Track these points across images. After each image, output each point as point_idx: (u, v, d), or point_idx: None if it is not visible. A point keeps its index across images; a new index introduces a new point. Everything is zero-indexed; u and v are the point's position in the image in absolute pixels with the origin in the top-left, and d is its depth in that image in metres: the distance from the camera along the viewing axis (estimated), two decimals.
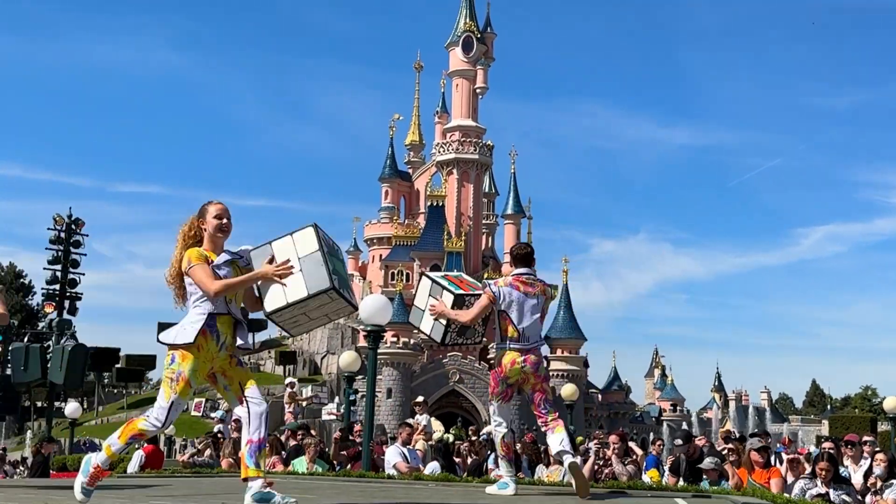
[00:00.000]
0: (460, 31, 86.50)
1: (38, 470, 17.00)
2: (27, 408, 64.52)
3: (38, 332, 33.91)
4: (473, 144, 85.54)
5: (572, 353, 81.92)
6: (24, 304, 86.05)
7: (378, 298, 13.56)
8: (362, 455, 12.64)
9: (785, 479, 10.66)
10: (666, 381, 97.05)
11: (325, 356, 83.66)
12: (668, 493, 8.33)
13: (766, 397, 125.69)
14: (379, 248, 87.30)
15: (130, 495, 7.27)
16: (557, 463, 11.22)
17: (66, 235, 26.97)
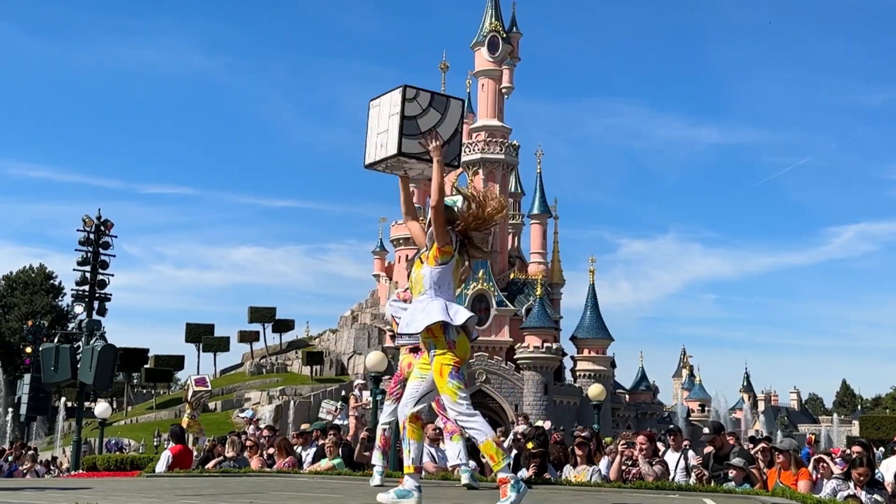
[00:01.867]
0: (486, 31, 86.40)
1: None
2: (57, 408, 65.17)
3: (68, 332, 34.19)
4: (499, 144, 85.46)
5: (599, 353, 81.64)
6: (53, 305, 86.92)
7: None
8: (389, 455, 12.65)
9: (813, 480, 10.57)
10: (694, 381, 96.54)
11: (351, 356, 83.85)
12: (696, 493, 8.28)
13: (796, 398, 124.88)
14: (405, 249, 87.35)
15: (160, 494, 7.32)
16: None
17: (95, 237, 27.18)
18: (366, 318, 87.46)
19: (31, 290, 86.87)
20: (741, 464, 10.48)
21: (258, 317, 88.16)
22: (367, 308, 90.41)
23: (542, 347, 76.45)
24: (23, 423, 49.25)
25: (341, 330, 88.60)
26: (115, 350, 22.49)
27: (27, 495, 6.66)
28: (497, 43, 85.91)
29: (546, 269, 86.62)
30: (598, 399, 26.17)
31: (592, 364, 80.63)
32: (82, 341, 23.48)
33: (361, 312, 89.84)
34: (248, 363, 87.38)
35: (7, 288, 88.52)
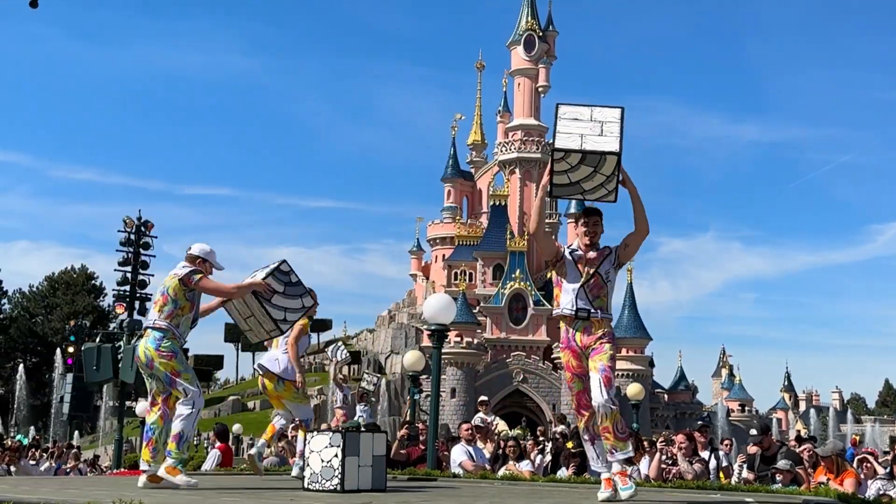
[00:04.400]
0: (522, 29, 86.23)
1: None
2: (99, 407, 65.91)
3: (109, 332, 34.52)
4: (536, 143, 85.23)
5: (637, 352, 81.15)
6: (95, 305, 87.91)
7: (442, 298, 13.55)
8: (427, 454, 12.66)
9: (858, 480, 10.42)
10: (734, 381, 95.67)
11: (388, 356, 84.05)
12: (737, 493, 8.19)
13: (838, 397, 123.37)
14: (442, 248, 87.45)
15: (202, 492, 7.37)
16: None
17: (136, 237, 27.47)
18: (403, 318, 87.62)
19: (73, 291, 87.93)
20: (788, 466, 10.35)
21: None
22: (404, 308, 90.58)
23: None
24: (65, 421, 49.79)
25: (379, 329, 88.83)
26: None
27: (70, 493, 6.72)
28: (533, 42, 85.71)
29: None
30: (636, 399, 26.01)
31: (630, 363, 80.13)
32: (123, 341, 23.69)
33: (399, 312, 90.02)
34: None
35: (49, 288, 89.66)
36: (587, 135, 6.67)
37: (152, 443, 7.87)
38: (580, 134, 6.68)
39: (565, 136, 6.69)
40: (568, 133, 6.71)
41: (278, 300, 8.14)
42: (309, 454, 7.57)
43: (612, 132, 6.66)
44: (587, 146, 6.62)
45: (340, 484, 7.36)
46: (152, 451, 7.84)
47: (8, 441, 19.77)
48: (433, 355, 13.29)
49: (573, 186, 6.74)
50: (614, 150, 6.61)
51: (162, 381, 7.85)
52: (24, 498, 5.74)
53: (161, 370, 7.80)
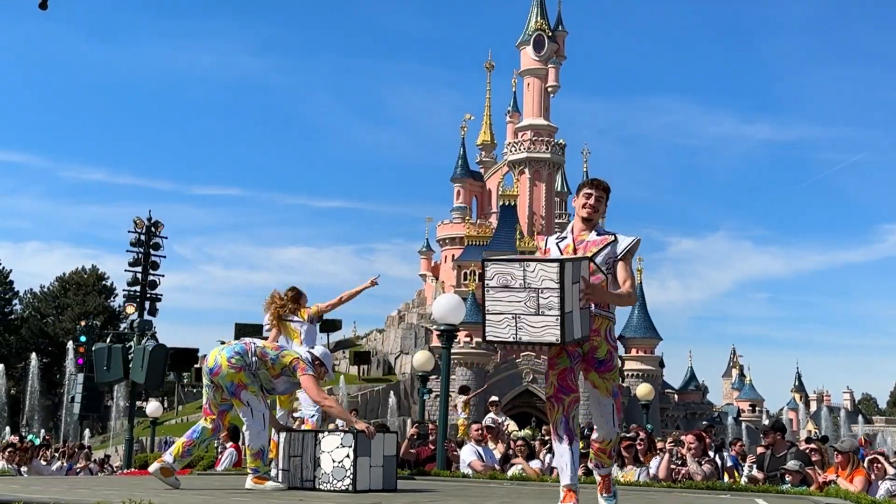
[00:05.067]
0: (531, 29, 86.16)
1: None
2: (110, 407, 66.14)
3: (119, 333, 34.67)
4: (545, 143, 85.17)
5: (647, 352, 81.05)
6: (106, 305, 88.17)
7: (451, 298, 13.56)
8: (436, 454, 12.67)
9: (869, 480, 10.40)
10: (744, 381, 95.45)
11: (398, 356, 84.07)
12: (747, 493, 8.18)
13: (849, 397, 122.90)
14: (451, 248, 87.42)
15: (211, 492, 7.40)
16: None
17: (146, 238, 27.53)
18: (412, 318, 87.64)
19: (84, 291, 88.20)
20: (797, 467, 10.33)
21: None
22: (413, 308, 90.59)
23: None
24: (76, 421, 50.05)
25: (388, 330, 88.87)
26: (166, 350, 22.76)
27: (81, 493, 6.75)
28: (542, 42, 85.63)
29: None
30: (646, 399, 25.98)
31: (640, 364, 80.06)
32: (134, 341, 23.80)
33: (408, 312, 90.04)
34: None
35: (60, 289, 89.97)
36: (522, 316, 5.73)
37: (190, 444, 7.96)
38: (514, 315, 5.73)
39: (495, 322, 5.79)
40: (498, 316, 5.79)
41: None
42: (319, 454, 7.59)
43: (552, 308, 5.65)
44: (523, 336, 5.73)
45: (352, 484, 7.39)
46: (185, 451, 7.97)
47: (14, 439, 19.85)
48: (442, 355, 13.31)
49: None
50: (553, 340, 5.66)
51: (225, 390, 7.91)
52: (35, 498, 5.78)
53: (227, 380, 7.85)
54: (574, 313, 5.72)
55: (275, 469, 8.12)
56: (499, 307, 5.78)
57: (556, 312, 5.62)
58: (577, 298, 5.74)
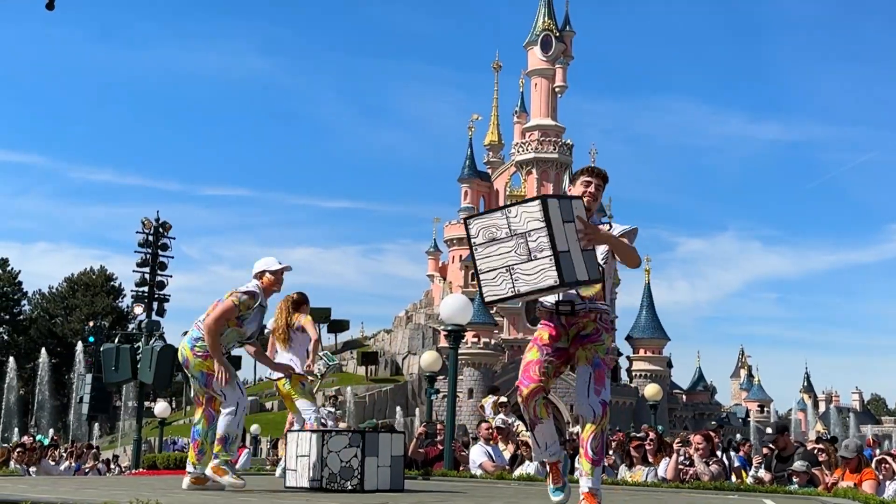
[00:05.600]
0: (539, 30, 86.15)
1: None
2: (118, 407, 66.29)
3: (128, 333, 34.75)
4: (553, 144, 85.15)
5: (655, 352, 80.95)
6: (114, 306, 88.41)
7: (458, 298, 13.56)
8: (444, 454, 12.67)
9: (877, 481, 10.36)
10: (752, 381, 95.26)
11: (406, 357, 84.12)
12: (755, 494, 8.17)
13: (858, 398, 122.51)
14: (459, 249, 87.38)
15: (220, 493, 7.41)
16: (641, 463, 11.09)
17: (154, 238, 27.58)
18: (420, 319, 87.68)
19: (92, 292, 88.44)
20: (804, 468, 10.30)
21: (313, 317, 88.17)
22: (421, 308, 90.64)
23: None
24: (84, 421, 50.18)
25: (396, 330, 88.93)
26: (174, 350, 22.74)
27: (89, 493, 6.77)
28: (550, 42, 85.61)
29: None
30: (654, 399, 25.90)
31: (648, 364, 79.98)
32: (142, 342, 23.86)
33: (416, 312, 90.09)
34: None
35: (69, 290, 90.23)
36: (515, 266, 5.32)
37: (197, 444, 7.78)
38: (506, 267, 5.35)
39: (490, 281, 5.43)
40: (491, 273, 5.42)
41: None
42: (327, 454, 7.59)
43: (543, 249, 5.24)
44: (521, 288, 5.32)
45: (360, 484, 7.39)
46: (198, 452, 7.75)
47: (28, 440, 19.90)
48: (450, 356, 13.30)
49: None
50: (552, 282, 5.23)
51: (197, 381, 7.74)
52: (43, 497, 5.79)
53: (196, 370, 7.68)
54: (572, 253, 5.29)
55: (280, 469, 8.10)
56: (490, 263, 5.43)
57: (548, 253, 5.22)
58: (575, 238, 5.33)
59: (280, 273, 7.92)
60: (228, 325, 7.67)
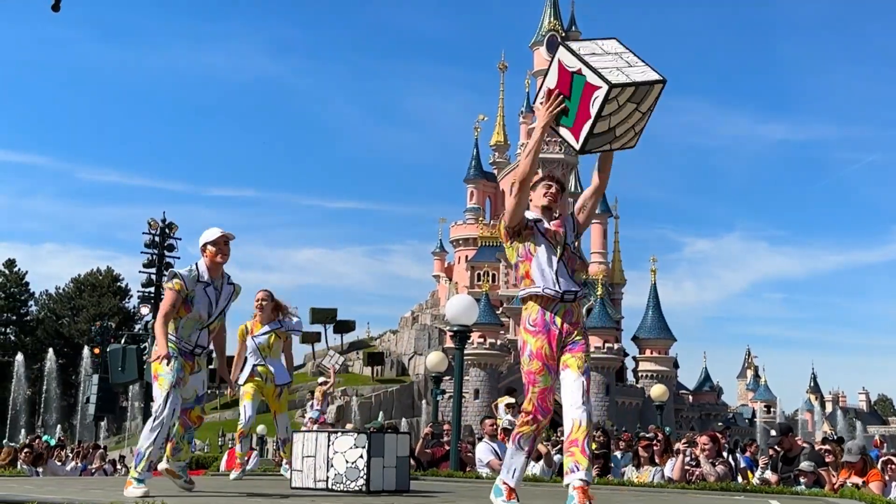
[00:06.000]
0: (544, 30, 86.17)
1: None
2: (125, 407, 66.40)
3: (134, 334, 34.81)
4: (559, 144, 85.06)
5: (661, 353, 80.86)
6: (121, 307, 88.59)
7: (464, 299, 13.56)
8: (450, 455, 12.67)
9: (884, 481, 10.33)
10: (759, 382, 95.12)
11: (412, 357, 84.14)
12: (761, 495, 8.15)
13: (865, 399, 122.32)
14: (465, 249, 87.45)
15: (225, 493, 7.42)
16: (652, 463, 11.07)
17: (161, 239, 27.63)
18: (426, 319, 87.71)
19: (99, 293, 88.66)
20: (811, 468, 10.27)
21: (320, 318, 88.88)
22: (427, 309, 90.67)
23: (603, 348, 75.95)
24: (91, 422, 50.27)
25: (402, 331, 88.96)
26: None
27: (95, 493, 6.78)
28: (556, 42, 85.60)
29: (607, 268, 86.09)
30: (660, 400, 25.89)
31: (654, 364, 79.90)
32: (148, 342, 23.89)
33: (422, 313, 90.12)
34: (310, 364, 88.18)
35: (75, 290, 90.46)
36: (622, 67, 5.63)
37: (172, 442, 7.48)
38: (616, 67, 5.62)
39: (607, 70, 5.58)
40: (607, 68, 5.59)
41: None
42: (333, 455, 7.59)
43: (635, 61, 5.71)
44: (636, 77, 5.58)
45: (366, 485, 7.40)
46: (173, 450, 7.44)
47: (41, 445, 19.94)
48: (456, 356, 13.31)
49: (608, 134, 5.77)
50: (659, 77, 5.64)
51: None
52: (49, 498, 5.80)
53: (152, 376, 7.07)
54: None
55: (287, 470, 8.09)
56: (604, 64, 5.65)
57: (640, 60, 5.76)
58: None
59: (221, 241, 7.30)
60: (180, 313, 7.09)
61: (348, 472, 7.48)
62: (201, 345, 7.26)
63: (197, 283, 7.13)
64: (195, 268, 7.21)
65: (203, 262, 7.26)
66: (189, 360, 7.17)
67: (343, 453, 7.54)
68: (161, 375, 6.91)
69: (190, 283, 7.08)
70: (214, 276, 7.25)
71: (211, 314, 7.20)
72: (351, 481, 7.45)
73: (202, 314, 7.15)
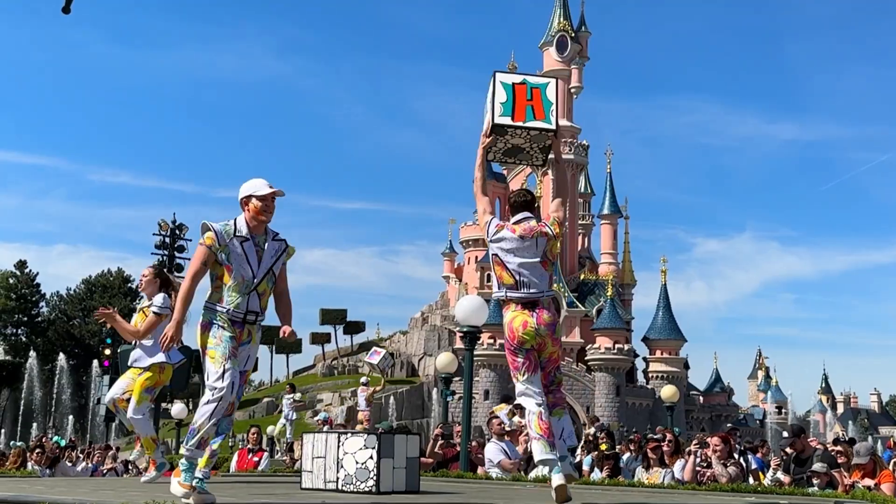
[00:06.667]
0: (554, 30, 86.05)
1: None
2: None
3: None
4: (568, 144, 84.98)
5: (672, 354, 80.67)
6: (131, 308, 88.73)
7: (474, 300, 13.55)
8: (460, 456, 12.65)
9: None
10: (770, 382, 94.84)
11: (422, 358, 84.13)
12: (772, 496, 8.11)
13: (876, 399, 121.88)
14: (475, 250, 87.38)
15: (235, 493, 7.42)
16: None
17: (171, 240, 27.73)
18: (436, 320, 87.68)
19: (110, 294, 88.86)
20: (824, 469, 10.22)
21: (330, 319, 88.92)
22: (437, 310, 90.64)
23: (613, 348, 75.82)
24: (102, 422, 50.37)
25: (412, 331, 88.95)
26: (190, 352, 22.82)
27: (106, 494, 6.79)
28: (566, 42, 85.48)
29: (617, 269, 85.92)
30: (671, 401, 25.79)
31: (665, 365, 79.72)
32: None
33: (431, 314, 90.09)
34: (320, 365, 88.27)
35: (86, 291, 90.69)
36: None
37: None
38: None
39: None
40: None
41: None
42: (343, 456, 7.58)
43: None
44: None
45: (376, 486, 7.39)
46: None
47: (54, 447, 20.02)
48: (465, 357, 13.29)
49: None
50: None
51: None
52: (60, 499, 5.81)
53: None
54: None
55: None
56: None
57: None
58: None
59: (269, 197, 6.46)
60: (219, 279, 6.34)
61: (358, 473, 7.47)
62: (253, 310, 6.36)
63: (233, 237, 6.30)
64: (232, 223, 6.37)
65: (243, 217, 6.42)
66: (239, 328, 6.34)
67: (353, 454, 7.53)
68: (211, 348, 6.24)
69: (223, 238, 6.26)
70: (257, 233, 6.41)
71: (255, 274, 6.32)
72: (361, 482, 7.45)
73: (243, 275, 6.30)
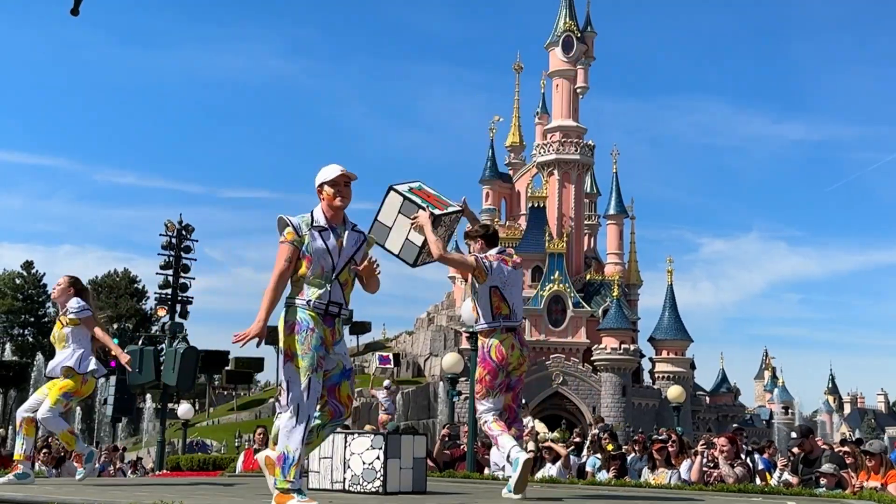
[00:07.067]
0: (560, 30, 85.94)
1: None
2: (142, 409, 66.65)
3: (151, 335, 34.97)
4: (574, 145, 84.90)
5: (678, 354, 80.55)
6: (137, 308, 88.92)
7: None
8: (467, 456, 12.66)
9: None
10: (777, 383, 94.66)
11: (428, 358, 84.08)
12: (780, 497, 8.10)
13: (883, 399, 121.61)
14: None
15: (241, 493, 7.43)
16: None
17: (177, 241, 27.72)
18: (442, 320, 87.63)
19: (116, 294, 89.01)
20: (832, 469, 10.20)
21: None
22: (443, 310, 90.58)
23: (619, 349, 75.74)
24: (109, 423, 50.50)
25: (417, 332, 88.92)
26: (197, 352, 22.91)
27: (113, 494, 6.81)
28: (571, 43, 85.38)
29: (623, 269, 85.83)
30: (677, 401, 25.78)
31: (671, 365, 79.60)
32: (165, 344, 23.98)
33: (437, 314, 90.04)
34: None
35: (92, 292, 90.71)
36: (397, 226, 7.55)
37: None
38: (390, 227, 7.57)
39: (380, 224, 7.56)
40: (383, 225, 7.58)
41: None
42: (350, 456, 7.59)
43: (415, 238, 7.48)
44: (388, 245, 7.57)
45: (383, 486, 7.39)
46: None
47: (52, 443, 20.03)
48: (471, 357, 13.30)
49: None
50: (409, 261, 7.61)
51: None
52: (68, 499, 5.82)
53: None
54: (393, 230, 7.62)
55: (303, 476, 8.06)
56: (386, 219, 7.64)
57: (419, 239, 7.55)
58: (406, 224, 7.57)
59: (341, 181, 6.24)
60: (300, 273, 6.00)
61: (365, 474, 7.48)
62: (336, 301, 6.02)
63: (311, 228, 6.09)
64: (309, 214, 6.19)
65: (319, 208, 6.24)
66: (329, 326, 5.99)
67: (360, 454, 7.54)
68: (297, 356, 5.84)
69: (302, 230, 6.06)
70: (335, 222, 6.18)
71: (335, 264, 6.03)
72: (368, 482, 7.45)
73: (323, 265, 6.00)
